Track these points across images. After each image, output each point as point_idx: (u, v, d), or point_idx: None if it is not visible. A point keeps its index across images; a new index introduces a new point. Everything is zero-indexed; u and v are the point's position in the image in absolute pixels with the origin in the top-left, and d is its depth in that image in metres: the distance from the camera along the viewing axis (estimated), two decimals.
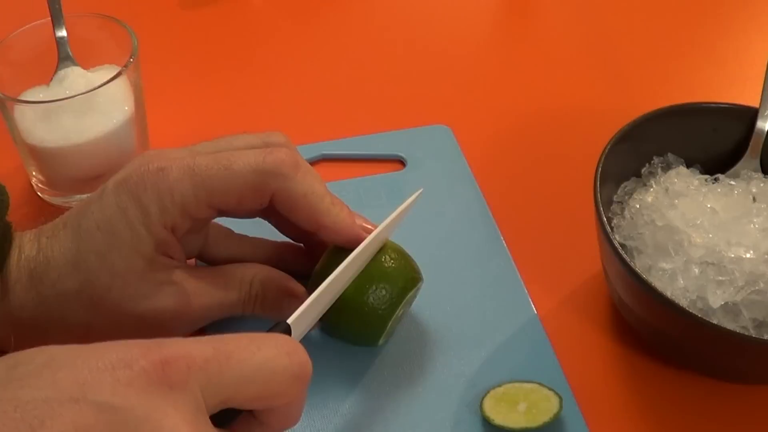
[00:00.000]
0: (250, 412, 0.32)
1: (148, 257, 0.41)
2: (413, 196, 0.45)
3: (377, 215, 0.46)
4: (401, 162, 0.59)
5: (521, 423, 0.41)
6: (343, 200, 0.44)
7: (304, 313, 0.39)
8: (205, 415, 0.29)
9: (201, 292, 0.43)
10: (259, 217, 0.47)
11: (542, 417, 0.41)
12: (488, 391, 0.43)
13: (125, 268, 0.41)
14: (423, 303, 0.48)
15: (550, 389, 0.42)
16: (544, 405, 0.42)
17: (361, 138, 0.61)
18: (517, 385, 0.43)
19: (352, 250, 0.42)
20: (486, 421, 0.42)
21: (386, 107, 0.65)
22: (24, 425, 0.26)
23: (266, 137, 0.45)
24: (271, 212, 0.45)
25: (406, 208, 0.45)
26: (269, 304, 0.45)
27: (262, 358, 0.31)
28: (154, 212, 0.40)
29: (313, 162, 0.58)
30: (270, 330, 0.38)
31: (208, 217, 0.43)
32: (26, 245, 0.42)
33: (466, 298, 0.49)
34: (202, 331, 0.47)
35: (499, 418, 0.42)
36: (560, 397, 0.42)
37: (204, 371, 0.29)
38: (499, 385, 0.43)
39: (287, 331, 0.38)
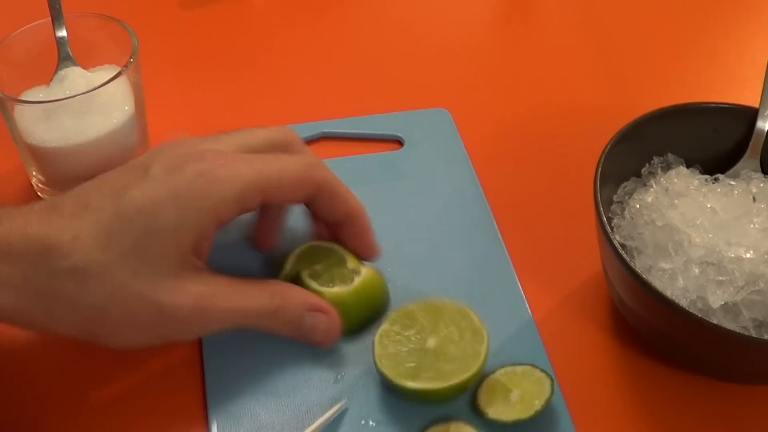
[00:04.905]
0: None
1: (182, 250, 0.40)
2: (336, 407, 0.43)
3: (374, 191, 0.52)
4: (399, 142, 0.60)
5: (513, 415, 0.41)
6: (341, 176, 0.47)
7: None
8: None
9: (223, 296, 0.42)
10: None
11: (535, 404, 0.41)
12: (483, 381, 0.43)
13: (158, 256, 0.39)
14: (413, 297, 0.47)
15: (542, 371, 0.43)
16: (536, 390, 0.42)
17: (362, 118, 0.62)
18: (510, 369, 0.43)
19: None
20: (482, 416, 0.42)
21: (387, 90, 0.66)
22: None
23: (278, 132, 0.46)
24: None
25: (328, 417, 0.43)
26: (289, 318, 0.44)
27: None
28: (217, 197, 0.41)
29: (314, 139, 0.60)
30: None
31: (254, 208, 0.44)
32: (33, 222, 0.39)
33: (459, 292, 0.48)
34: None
35: (491, 411, 0.42)
36: (552, 379, 0.42)
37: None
38: (493, 372, 0.43)
39: None
